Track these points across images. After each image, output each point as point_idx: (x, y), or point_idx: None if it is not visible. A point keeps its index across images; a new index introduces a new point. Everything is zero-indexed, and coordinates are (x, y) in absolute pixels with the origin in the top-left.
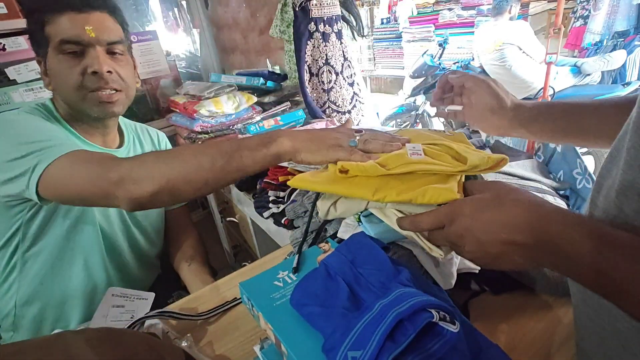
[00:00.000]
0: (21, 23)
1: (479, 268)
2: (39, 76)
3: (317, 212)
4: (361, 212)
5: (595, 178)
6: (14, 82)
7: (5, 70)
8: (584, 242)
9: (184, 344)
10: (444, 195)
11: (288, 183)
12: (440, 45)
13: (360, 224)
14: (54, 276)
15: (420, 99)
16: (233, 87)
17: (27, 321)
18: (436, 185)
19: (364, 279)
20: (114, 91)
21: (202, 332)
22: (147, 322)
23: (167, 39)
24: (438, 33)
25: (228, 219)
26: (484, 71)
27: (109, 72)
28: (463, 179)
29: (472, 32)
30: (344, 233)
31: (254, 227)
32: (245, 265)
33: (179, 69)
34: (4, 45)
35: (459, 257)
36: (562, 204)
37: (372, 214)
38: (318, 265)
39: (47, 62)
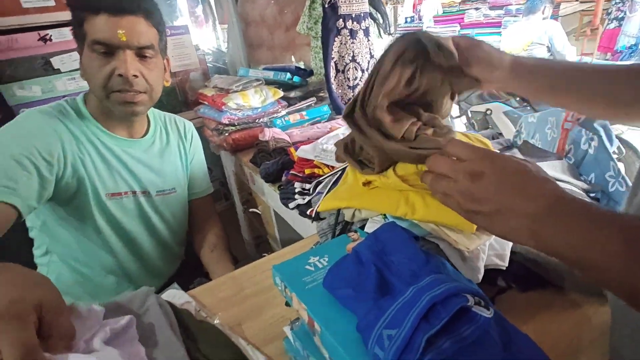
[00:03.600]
0: (66, 15)
1: (506, 264)
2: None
3: None
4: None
5: (629, 181)
6: (57, 71)
7: (51, 59)
8: (613, 237)
9: (215, 321)
10: (462, 225)
11: (317, 209)
12: None
13: (385, 220)
14: (76, 264)
15: None
16: (260, 82)
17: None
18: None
19: (395, 267)
20: (138, 93)
21: (231, 313)
22: (182, 300)
23: (195, 34)
24: (463, 33)
25: (251, 210)
26: None
27: (134, 75)
28: None
29: (499, 33)
30: (371, 229)
31: (277, 219)
32: (264, 256)
33: (208, 63)
34: (51, 35)
35: (486, 255)
36: None
37: None
38: (348, 253)
39: (82, 56)
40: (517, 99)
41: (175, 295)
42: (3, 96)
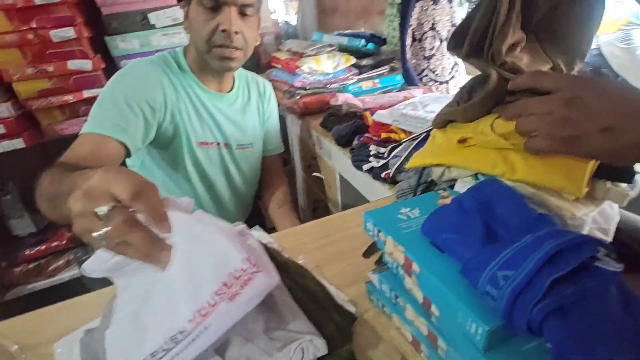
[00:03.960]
0: None
1: (610, 240)
2: (173, 23)
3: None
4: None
5: None
6: (153, 27)
7: (148, 15)
8: None
9: (300, 261)
10: (569, 187)
11: (406, 166)
12: None
13: (477, 181)
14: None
15: None
16: (334, 47)
17: None
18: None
19: (501, 219)
20: (235, 49)
21: (310, 257)
22: (265, 240)
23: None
24: None
25: (313, 174)
26: (600, 53)
27: (236, 32)
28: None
29: None
30: (461, 188)
31: (341, 183)
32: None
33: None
34: None
35: (589, 225)
36: None
37: None
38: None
39: (189, 9)
40: None
41: (259, 235)
42: (108, 47)
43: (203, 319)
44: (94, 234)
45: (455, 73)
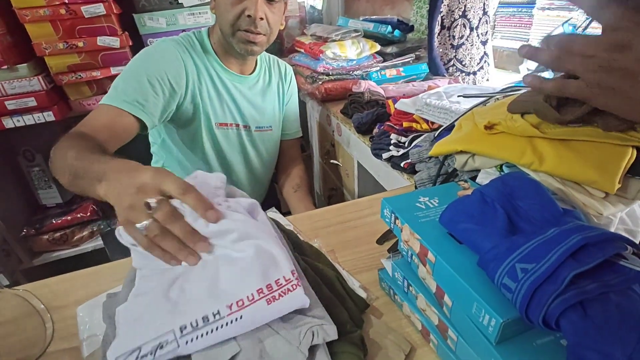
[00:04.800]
0: None
1: (637, 242)
2: (200, 2)
3: (449, 158)
4: (504, 164)
5: None
6: (181, 6)
7: None
8: None
9: (315, 244)
10: (601, 181)
11: (430, 153)
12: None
13: (502, 173)
14: (179, 161)
15: (547, 75)
16: (359, 33)
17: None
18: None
19: (524, 212)
20: (259, 35)
21: (325, 241)
22: (283, 222)
23: None
24: None
25: (331, 161)
26: None
27: (261, 18)
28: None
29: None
30: (483, 180)
31: (359, 171)
32: None
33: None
34: None
35: (616, 224)
36: None
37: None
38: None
39: None
40: None
41: (275, 217)
42: (136, 25)
43: (238, 310)
44: (138, 225)
45: (484, 64)
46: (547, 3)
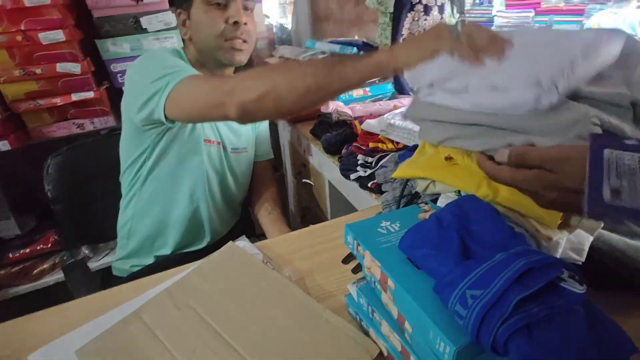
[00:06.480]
0: None
1: (583, 259)
2: (165, 27)
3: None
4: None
5: None
6: (145, 31)
7: (140, 19)
8: None
9: (285, 274)
10: (546, 218)
11: (393, 175)
12: None
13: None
14: (163, 199)
15: None
16: (326, 54)
17: (137, 234)
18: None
19: (477, 236)
20: (243, 42)
21: (298, 266)
22: (252, 251)
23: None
24: (538, 20)
25: (303, 180)
26: None
27: (244, 23)
28: None
29: (581, 22)
30: (443, 203)
31: (330, 191)
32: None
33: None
34: None
35: (562, 248)
36: None
37: None
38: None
39: (190, 13)
40: None
41: (244, 246)
42: (99, 51)
43: None
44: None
45: None
46: (504, 22)
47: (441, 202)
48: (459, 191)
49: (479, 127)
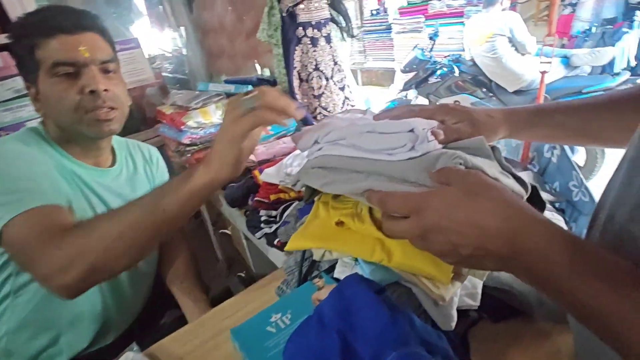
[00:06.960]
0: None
1: (478, 303)
2: (16, 95)
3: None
4: None
5: (590, 191)
6: None
7: None
8: (560, 262)
9: None
10: (438, 276)
11: (285, 248)
12: (430, 38)
13: (357, 263)
14: (47, 303)
15: (412, 93)
16: (221, 96)
17: (18, 346)
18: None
19: (359, 329)
20: (110, 109)
21: None
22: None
23: (152, 35)
24: (428, 24)
25: (221, 231)
26: (475, 64)
27: (105, 90)
28: None
29: (463, 23)
30: (340, 273)
31: (247, 242)
32: (240, 275)
33: (165, 73)
34: None
35: (458, 297)
36: (559, 219)
37: None
38: (313, 303)
39: (38, 86)
40: (484, 90)
41: (134, 357)
42: None
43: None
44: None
45: (347, 107)
46: (401, 29)
47: (338, 273)
48: (356, 258)
49: (357, 173)
